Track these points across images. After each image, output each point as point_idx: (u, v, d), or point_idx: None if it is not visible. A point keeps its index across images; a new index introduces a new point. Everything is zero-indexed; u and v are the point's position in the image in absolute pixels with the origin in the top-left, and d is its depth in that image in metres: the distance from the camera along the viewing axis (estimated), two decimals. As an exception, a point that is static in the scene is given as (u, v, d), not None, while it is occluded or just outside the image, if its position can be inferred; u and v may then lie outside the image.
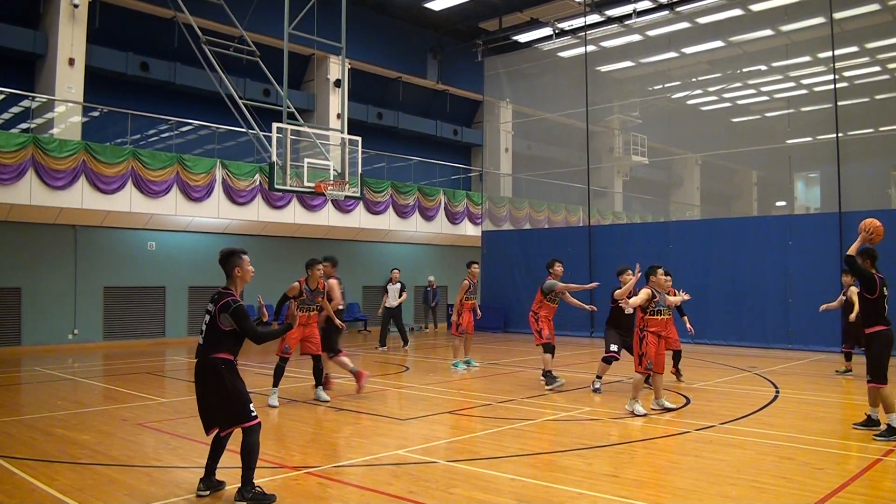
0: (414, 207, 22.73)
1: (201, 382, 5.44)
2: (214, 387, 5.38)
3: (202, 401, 5.49)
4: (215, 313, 5.36)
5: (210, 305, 5.44)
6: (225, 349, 5.40)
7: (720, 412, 8.71)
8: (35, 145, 15.35)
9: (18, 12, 17.89)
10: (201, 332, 5.47)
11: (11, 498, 5.39)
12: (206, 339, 5.41)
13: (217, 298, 5.42)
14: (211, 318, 5.40)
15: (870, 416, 7.53)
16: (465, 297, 13.48)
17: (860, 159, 20.22)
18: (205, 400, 5.47)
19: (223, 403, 5.39)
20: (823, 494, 5.38)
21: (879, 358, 7.33)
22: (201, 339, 5.45)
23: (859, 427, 7.54)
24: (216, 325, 5.37)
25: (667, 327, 9.05)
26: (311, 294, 9.68)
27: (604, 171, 28.56)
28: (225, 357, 5.41)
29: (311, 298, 9.67)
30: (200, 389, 5.46)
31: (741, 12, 20.79)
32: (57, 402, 9.76)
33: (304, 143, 16.51)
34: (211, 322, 5.39)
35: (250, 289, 12.01)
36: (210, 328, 5.40)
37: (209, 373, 5.38)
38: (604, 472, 6.08)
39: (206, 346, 5.41)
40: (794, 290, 16.32)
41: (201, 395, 5.47)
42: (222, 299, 5.37)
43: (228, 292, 5.46)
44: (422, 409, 9.34)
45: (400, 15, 24.77)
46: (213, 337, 5.39)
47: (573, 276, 20.87)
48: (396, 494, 5.44)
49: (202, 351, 5.43)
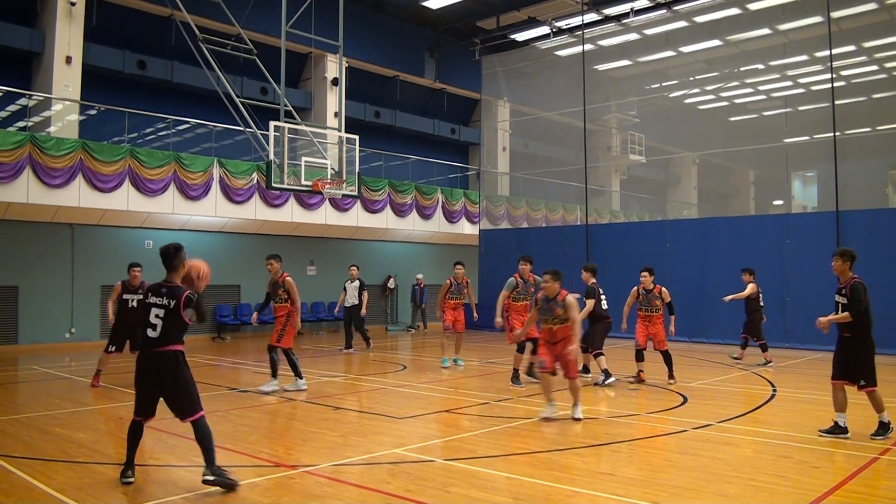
0: (411, 206, 22.72)
1: (157, 374, 5.59)
2: (173, 378, 5.58)
3: (154, 391, 5.66)
4: (178, 307, 5.56)
5: (163, 300, 5.60)
6: (181, 341, 5.68)
7: (717, 411, 8.73)
8: (32, 143, 15.32)
9: (15, 10, 17.84)
10: (152, 326, 5.60)
11: (9, 497, 5.39)
12: (163, 332, 5.58)
13: (171, 293, 5.62)
14: (169, 312, 5.57)
15: (836, 423, 7.32)
16: (445, 296, 13.43)
17: (857, 158, 20.28)
18: (159, 390, 5.65)
19: (182, 394, 5.60)
20: (820, 493, 5.39)
21: (872, 363, 7.39)
22: (154, 331, 5.59)
23: (825, 434, 7.29)
24: (179, 318, 5.57)
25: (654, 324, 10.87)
26: (273, 288, 10.56)
27: (601, 170, 28.58)
28: (181, 349, 5.70)
29: (274, 292, 10.52)
30: (154, 380, 5.61)
31: (739, 11, 20.80)
32: (54, 401, 9.75)
33: (301, 141, 16.50)
34: (169, 315, 5.57)
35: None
36: (168, 321, 5.57)
37: (168, 365, 5.58)
38: (601, 471, 6.09)
39: (162, 338, 5.58)
40: (790, 289, 16.34)
41: (154, 386, 5.63)
42: (181, 294, 5.60)
43: (179, 286, 5.69)
44: (419, 407, 9.34)
45: (397, 13, 24.75)
46: (171, 329, 5.59)
47: (572, 276, 20.96)
48: (394, 493, 5.44)
49: (158, 343, 5.59)
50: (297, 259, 21.83)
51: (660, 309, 10.94)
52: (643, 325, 10.99)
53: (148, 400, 5.69)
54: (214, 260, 20.54)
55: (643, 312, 10.96)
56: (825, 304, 16.37)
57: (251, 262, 20.79)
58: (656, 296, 10.91)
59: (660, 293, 10.92)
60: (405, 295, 24.98)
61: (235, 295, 20.68)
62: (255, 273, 20.91)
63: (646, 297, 10.98)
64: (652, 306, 10.91)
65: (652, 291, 10.95)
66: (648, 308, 10.94)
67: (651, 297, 10.93)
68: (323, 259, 22.61)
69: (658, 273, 18.31)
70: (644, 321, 11.00)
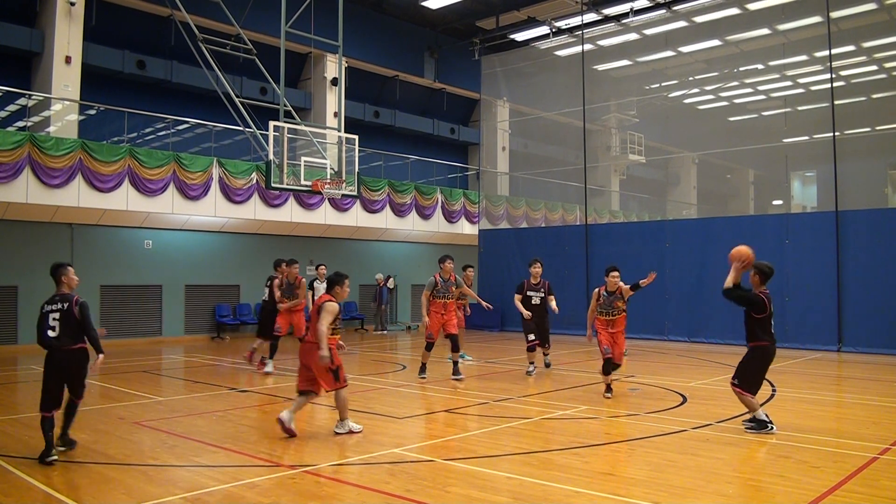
0: (411, 206, 22.72)
1: (65, 367, 6.60)
2: (78, 369, 6.69)
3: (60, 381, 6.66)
4: (71, 310, 6.58)
5: (61, 305, 6.61)
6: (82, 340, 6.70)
7: (717, 411, 8.73)
8: (31, 143, 15.31)
9: (15, 10, 17.84)
10: (52, 328, 6.53)
11: (8, 496, 5.38)
12: (63, 332, 6.55)
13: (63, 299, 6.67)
14: (66, 315, 6.57)
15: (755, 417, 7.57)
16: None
17: (857, 158, 20.27)
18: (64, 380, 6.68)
19: (81, 381, 6.79)
20: (820, 492, 5.39)
21: (755, 370, 7.55)
22: (54, 332, 6.53)
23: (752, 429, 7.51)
24: (74, 319, 6.57)
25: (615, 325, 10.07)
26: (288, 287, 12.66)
27: (601, 170, 28.57)
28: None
29: (289, 290, 12.62)
30: (58, 373, 6.60)
31: (738, 11, 20.80)
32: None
33: (300, 141, 16.50)
34: (68, 318, 6.56)
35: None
36: (66, 324, 6.55)
37: (76, 359, 6.65)
38: (600, 471, 6.09)
39: (64, 337, 6.55)
40: (790, 289, 16.33)
41: (61, 378, 6.64)
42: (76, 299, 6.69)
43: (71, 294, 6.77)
44: (418, 407, 9.34)
45: (397, 13, 24.75)
46: (71, 330, 6.57)
47: (571, 275, 21.06)
48: (393, 493, 5.44)
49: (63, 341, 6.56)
50: (296, 259, 21.82)
51: (622, 311, 9.83)
52: (606, 332, 9.80)
53: (58, 391, 6.65)
54: (213, 260, 20.54)
55: (604, 317, 9.83)
56: (825, 303, 16.48)
57: (250, 262, 20.80)
58: (618, 297, 9.78)
59: (621, 293, 9.81)
60: (405, 295, 24.99)
61: (235, 295, 20.67)
62: (254, 273, 20.91)
63: (607, 299, 9.83)
64: (613, 308, 9.78)
65: (614, 293, 9.82)
66: (610, 311, 9.78)
67: (613, 299, 9.79)
68: (322, 259, 22.45)
69: (658, 273, 18.49)
70: (607, 326, 9.81)
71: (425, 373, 11.73)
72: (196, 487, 5.56)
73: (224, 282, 20.30)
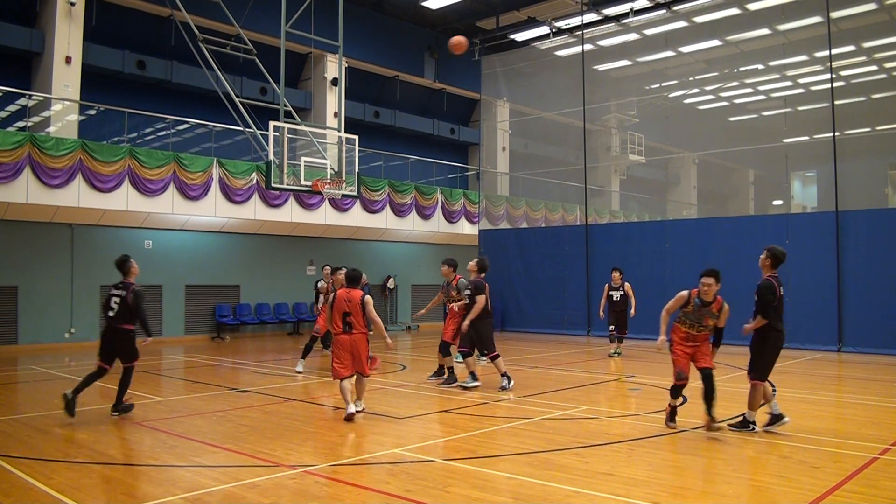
0: (411, 206, 22.72)
1: (114, 341, 8.49)
2: (123, 343, 8.49)
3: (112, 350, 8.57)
4: (127, 297, 8.40)
5: (122, 291, 8.48)
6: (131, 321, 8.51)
7: (717, 411, 8.70)
8: (32, 144, 15.31)
9: (15, 10, 17.85)
10: (112, 308, 8.41)
11: (8, 497, 5.38)
12: (119, 313, 8.40)
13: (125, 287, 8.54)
14: (124, 300, 8.40)
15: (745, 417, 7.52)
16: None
17: (857, 158, 20.26)
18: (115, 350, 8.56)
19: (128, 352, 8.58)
20: (821, 493, 5.39)
21: (768, 354, 7.53)
22: (112, 312, 8.42)
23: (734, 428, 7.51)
24: (128, 304, 8.36)
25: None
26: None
27: (601, 170, 28.57)
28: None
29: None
30: (110, 343, 8.53)
31: (738, 11, 20.80)
32: (54, 401, 9.72)
33: (300, 141, 16.50)
34: (124, 302, 8.39)
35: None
36: (123, 307, 8.39)
37: (124, 335, 8.50)
38: (601, 471, 6.09)
39: (118, 317, 8.42)
40: (790, 289, 16.27)
41: (113, 347, 8.53)
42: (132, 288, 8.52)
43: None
44: (418, 407, 9.34)
45: (397, 13, 24.75)
46: (125, 312, 8.40)
47: (571, 275, 21.07)
48: (393, 493, 5.44)
49: (117, 320, 8.46)
50: (296, 259, 21.84)
51: (710, 330, 7.97)
52: (685, 349, 7.84)
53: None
54: (213, 260, 20.57)
55: (687, 329, 7.86)
56: (825, 303, 16.48)
57: (251, 263, 20.81)
58: (713, 313, 7.91)
59: (718, 311, 7.99)
60: (405, 295, 24.99)
61: (235, 295, 20.67)
62: (254, 273, 20.93)
63: (698, 309, 7.93)
64: (703, 323, 7.85)
65: (709, 306, 7.96)
66: (697, 325, 7.87)
67: (705, 313, 7.87)
68: (322, 259, 22.53)
69: (658, 273, 18.58)
70: (686, 341, 7.88)
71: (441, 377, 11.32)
72: (196, 487, 5.56)
73: (224, 282, 20.30)
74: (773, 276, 7.63)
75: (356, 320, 8.36)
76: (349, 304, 8.37)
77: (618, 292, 14.63)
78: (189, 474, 6.02)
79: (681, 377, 7.59)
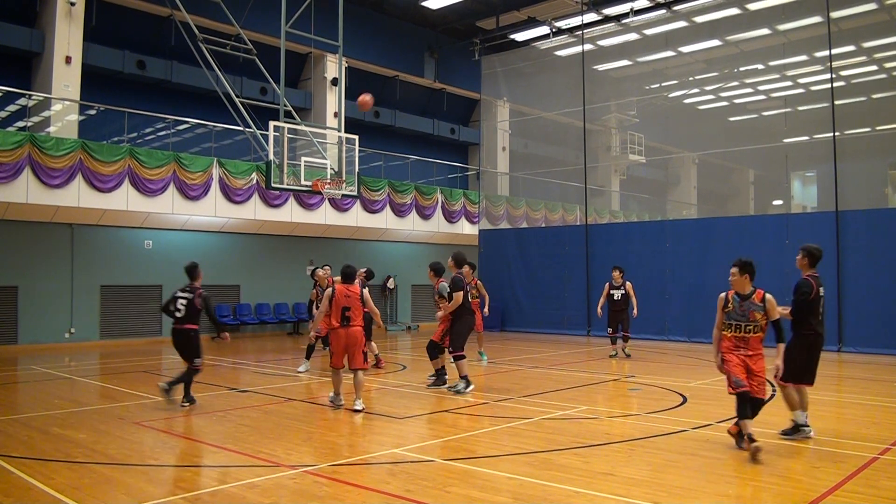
0: (411, 206, 22.72)
1: (180, 340, 9.24)
2: (187, 342, 9.19)
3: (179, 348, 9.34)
4: (193, 300, 9.09)
5: (189, 294, 9.14)
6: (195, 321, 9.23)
7: (717, 411, 8.72)
8: (32, 143, 15.31)
9: (15, 10, 17.84)
10: (179, 310, 9.07)
11: (8, 497, 5.38)
12: (185, 315, 9.09)
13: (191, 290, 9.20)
14: (190, 303, 9.07)
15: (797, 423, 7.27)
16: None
17: (857, 158, 20.26)
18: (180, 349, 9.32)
19: (192, 352, 9.24)
20: (821, 492, 5.39)
21: (799, 357, 7.28)
22: (179, 313, 9.08)
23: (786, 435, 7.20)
24: (194, 307, 9.08)
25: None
26: None
27: (601, 170, 28.57)
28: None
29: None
30: (176, 343, 9.31)
31: (738, 11, 20.81)
32: (54, 401, 9.74)
33: (301, 141, 16.50)
34: (190, 305, 9.07)
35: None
36: (189, 309, 9.08)
37: (188, 335, 9.17)
38: (601, 471, 6.09)
39: (184, 318, 9.12)
40: (790, 289, 16.30)
41: (178, 346, 9.31)
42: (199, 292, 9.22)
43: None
44: (419, 407, 9.33)
45: (397, 13, 24.75)
46: (190, 314, 9.09)
47: (571, 275, 21.07)
48: (393, 493, 5.44)
49: (182, 321, 9.16)
50: (296, 259, 21.83)
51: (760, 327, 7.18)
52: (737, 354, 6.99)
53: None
54: (213, 260, 20.58)
55: (732, 332, 7.08)
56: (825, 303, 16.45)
57: (251, 263, 20.81)
58: (756, 305, 7.17)
59: (762, 301, 7.23)
60: (405, 295, 24.99)
61: (235, 295, 20.67)
62: (254, 273, 20.94)
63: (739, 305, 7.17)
64: (748, 319, 7.07)
65: (749, 298, 7.21)
66: (742, 324, 7.10)
67: (748, 307, 7.14)
68: (322, 259, 22.51)
69: (658, 273, 18.58)
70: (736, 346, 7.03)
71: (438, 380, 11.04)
72: (196, 487, 5.56)
73: (224, 282, 20.29)
74: (812, 275, 7.52)
75: (355, 314, 8.85)
76: (348, 300, 8.84)
77: (619, 291, 14.51)
78: (189, 474, 6.02)
79: (738, 385, 6.63)
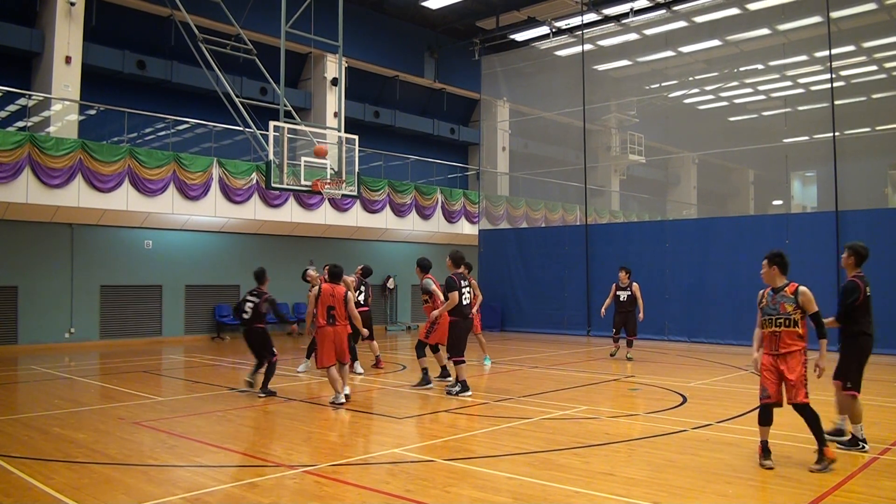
0: (411, 206, 22.72)
1: (251, 339, 10.23)
2: (258, 340, 10.15)
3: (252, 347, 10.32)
4: (260, 304, 10.00)
5: (256, 298, 10.03)
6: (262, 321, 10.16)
7: (717, 411, 8.73)
8: (31, 143, 15.31)
9: (15, 10, 17.84)
10: (246, 312, 10.01)
11: (8, 496, 5.38)
12: (252, 316, 10.02)
13: (258, 294, 10.09)
14: (257, 306, 9.98)
15: (841, 428, 7.12)
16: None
17: (857, 158, 20.26)
18: (253, 347, 10.28)
19: (263, 348, 10.22)
20: (821, 492, 5.39)
21: (858, 363, 7.17)
22: (247, 315, 10.02)
23: (844, 446, 6.96)
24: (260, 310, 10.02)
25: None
26: None
27: (601, 170, 28.58)
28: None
29: None
30: (248, 341, 10.33)
31: (738, 11, 20.81)
32: (53, 401, 9.74)
33: (300, 141, 16.50)
34: (257, 308, 9.98)
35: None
36: (255, 311, 9.99)
37: (258, 334, 10.14)
38: (601, 471, 6.09)
39: (251, 320, 10.06)
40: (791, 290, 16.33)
41: (251, 345, 10.29)
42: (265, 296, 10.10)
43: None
44: (419, 407, 9.34)
45: (397, 13, 24.75)
46: (256, 315, 10.02)
47: (571, 275, 21.06)
48: (394, 493, 5.44)
49: (250, 322, 10.09)
50: (296, 259, 21.81)
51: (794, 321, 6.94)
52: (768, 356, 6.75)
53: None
54: (213, 260, 20.56)
55: (765, 329, 6.83)
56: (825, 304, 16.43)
57: (250, 262, 20.66)
58: (788, 297, 6.99)
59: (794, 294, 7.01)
60: (405, 295, 24.98)
61: (235, 295, 20.64)
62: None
63: (771, 300, 7.02)
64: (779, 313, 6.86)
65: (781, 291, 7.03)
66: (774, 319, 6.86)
67: (781, 300, 6.95)
68: (322, 259, 22.43)
69: (657, 273, 18.58)
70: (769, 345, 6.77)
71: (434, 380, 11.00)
72: (196, 487, 5.56)
73: (224, 282, 20.29)
74: (858, 275, 7.29)
75: (339, 313, 9.32)
76: (333, 299, 9.33)
77: (625, 292, 14.32)
78: (189, 474, 6.02)
79: (764, 395, 6.30)
